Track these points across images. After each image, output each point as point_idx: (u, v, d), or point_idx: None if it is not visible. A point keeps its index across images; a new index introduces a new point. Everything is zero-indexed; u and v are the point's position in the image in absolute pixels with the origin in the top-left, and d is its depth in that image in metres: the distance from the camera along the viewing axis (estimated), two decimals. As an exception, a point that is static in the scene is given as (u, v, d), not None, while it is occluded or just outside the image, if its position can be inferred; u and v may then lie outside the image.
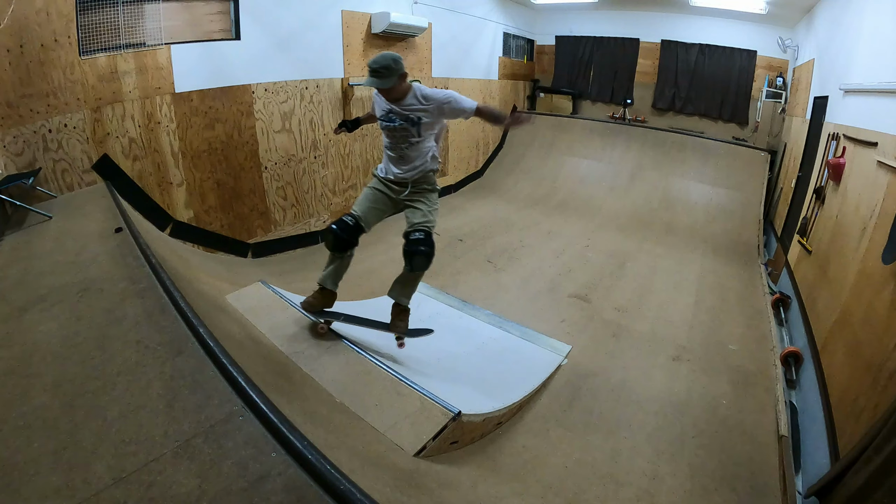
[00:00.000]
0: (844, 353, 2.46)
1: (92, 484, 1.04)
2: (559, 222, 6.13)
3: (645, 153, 7.26)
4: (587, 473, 2.24)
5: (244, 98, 4.16)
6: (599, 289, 4.29)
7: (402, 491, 1.46)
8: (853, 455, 1.70)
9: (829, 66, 4.44)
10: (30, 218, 2.73)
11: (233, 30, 4.02)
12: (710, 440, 2.50)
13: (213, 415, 1.23)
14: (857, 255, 2.70)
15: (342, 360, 2.37)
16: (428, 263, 2.46)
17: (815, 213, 3.83)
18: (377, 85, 2.28)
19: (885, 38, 3.13)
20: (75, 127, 3.13)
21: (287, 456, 1.10)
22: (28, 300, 1.85)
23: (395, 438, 1.89)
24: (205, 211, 4.06)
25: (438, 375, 2.63)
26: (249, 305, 2.78)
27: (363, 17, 5.17)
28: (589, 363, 3.15)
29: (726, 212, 6.21)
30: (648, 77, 8.00)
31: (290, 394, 1.89)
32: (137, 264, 2.05)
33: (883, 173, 2.65)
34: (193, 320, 1.61)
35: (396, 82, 2.30)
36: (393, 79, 2.28)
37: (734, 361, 3.26)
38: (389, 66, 2.25)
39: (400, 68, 2.29)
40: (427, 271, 2.61)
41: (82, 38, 3.09)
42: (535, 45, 8.99)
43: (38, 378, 1.41)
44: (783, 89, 6.68)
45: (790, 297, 3.92)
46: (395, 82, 2.29)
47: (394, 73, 2.27)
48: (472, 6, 6.90)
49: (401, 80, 2.32)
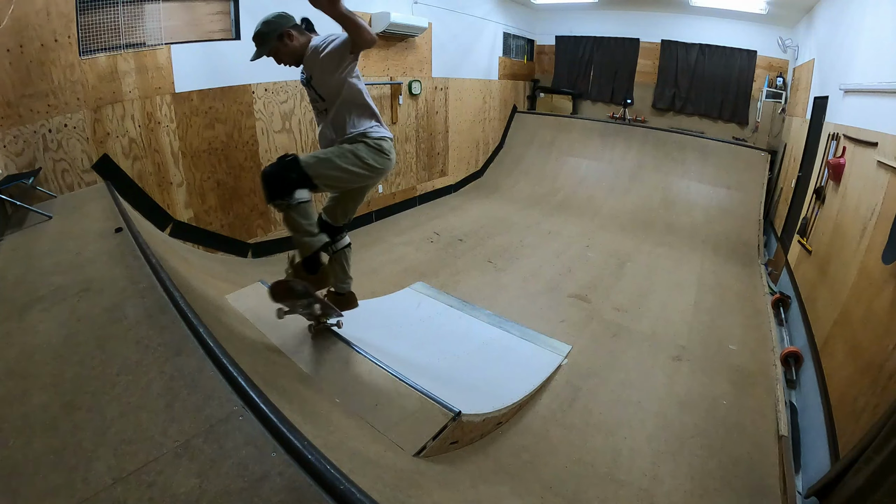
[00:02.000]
0: (844, 353, 2.46)
1: (92, 484, 1.04)
2: (559, 222, 6.13)
3: (645, 153, 7.26)
4: (587, 473, 2.24)
5: (244, 98, 4.16)
6: (599, 289, 4.29)
7: (402, 491, 1.46)
8: (853, 455, 1.70)
9: (829, 66, 4.44)
10: (30, 218, 2.73)
11: (233, 30, 4.02)
12: (710, 440, 2.50)
13: (213, 415, 1.23)
14: (856, 255, 2.70)
15: (342, 360, 2.37)
16: (263, 183, 1.94)
17: (815, 213, 3.83)
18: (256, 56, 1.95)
19: (886, 38, 3.13)
20: (75, 127, 3.13)
21: (287, 456, 1.10)
22: (28, 300, 1.85)
23: (395, 438, 1.89)
24: (205, 211, 4.06)
25: (438, 375, 2.63)
26: (249, 305, 2.78)
27: (363, 17, 5.17)
28: (589, 363, 3.15)
29: (726, 212, 6.21)
30: (648, 77, 8.00)
31: (290, 394, 1.89)
32: (137, 264, 2.05)
33: (883, 173, 2.65)
34: (193, 320, 1.60)
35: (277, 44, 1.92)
36: (271, 42, 1.91)
37: (734, 361, 3.26)
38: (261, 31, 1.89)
39: (276, 27, 1.91)
40: (427, 271, 2.57)
41: (82, 37, 3.09)
42: (535, 45, 8.99)
43: (38, 378, 1.41)
44: (783, 89, 6.68)
45: (790, 297, 3.92)
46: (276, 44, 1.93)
47: (271, 34, 1.90)
48: (472, 6, 6.90)
49: (288, 40, 1.93)
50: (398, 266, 4.47)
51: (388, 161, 2.08)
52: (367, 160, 2.02)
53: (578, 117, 8.30)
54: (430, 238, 5.34)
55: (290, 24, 1.97)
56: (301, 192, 1.92)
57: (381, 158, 2.05)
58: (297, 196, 1.91)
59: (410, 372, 2.33)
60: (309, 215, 2.02)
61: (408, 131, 6.19)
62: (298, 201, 1.92)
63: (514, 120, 8.53)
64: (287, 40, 1.94)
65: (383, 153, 2.05)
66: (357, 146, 2.01)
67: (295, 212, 1.95)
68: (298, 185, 1.91)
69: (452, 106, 6.91)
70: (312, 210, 2.04)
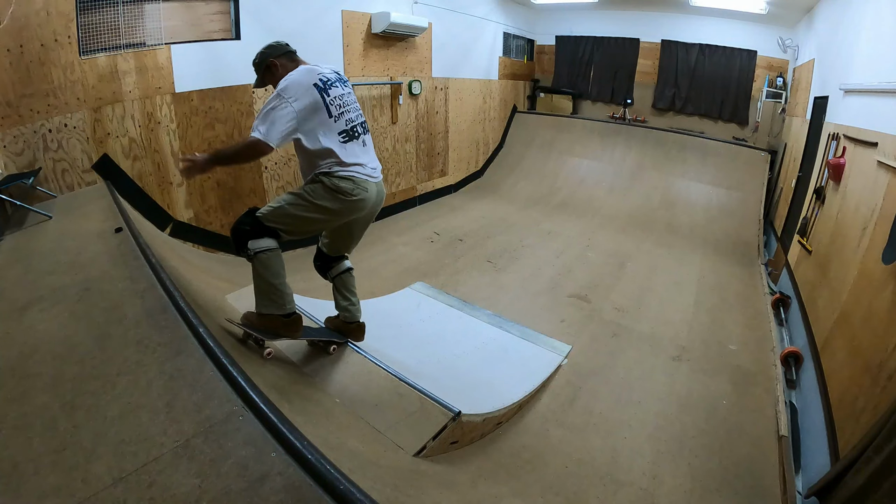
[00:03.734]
0: (844, 353, 2.46)
1: (92, 484, 1.04)
2: (559, 222, 6.13)
3: (645, 153, 7.26)
4: (587, 473, 2.24)
5: (244, 98, 4.16)
6: (599, 289, 4.29)
7: (402, 491, 1.46)
8: (853, 455, 1.70)
9: (829, 66, 4.44)
10: (30, 218, 2.73)
11: (233, 30, 4.02)
12: (710, 440, 2.50)
13: (213, 415, 1.23)
14: (857, 255, 2.70)
15: (342, 360, 2.37)
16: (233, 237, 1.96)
17: (815, 213, 3.83)
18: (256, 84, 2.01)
19: (886, 38, 3.13)
20: (75, 127, 3.13)
21: (287, 456, 1.10)
22: (28, 300, 1.85)
23: (395, 438, 1.89)
24: (205, 211, 4.06)
25: (438, 375, 2.63)
26: (249, 305, 2.78)
27: (363, 17, 5.17)
28: (589, 363, 3.15)
29: (726, 212, 6.21)
30: (648, 77, 8.00)
31: (290, 394, 1.89)
32: (137, 264, 2.05)
33: (883, 173, 2.65)
34: (193, 320, 1.60)
35: (265, 74, 1.96)
36: (259, 74, 1.96)
37: (734, 361, 3.26)
38: (254, 61, 1.93)
39: (263, 57, 1.93)
40: (427, 271, 2.57)
41: (82, 37, 3.09)
42: (535, 45, 8.99)
43: (38, 378, 1.41)
44: (783, 89, 6.68)
45: (790, 297, 3.92)
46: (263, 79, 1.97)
47: (259, 65, 1.94)
48: (472, 6, 6.90)
49: (271, 72, 1.94)
50: (398, 266, 4.46)
51: (348, 202, 1.93)
52: (321, 202, 1.91)
53: (578, 117, 8.30)
54: (430, 238, 5.34)
55: (277, 53, 1.96)
56: (257, 241, 1.90)
57: (339, 200, 1.92)
58: (252, 246, 1.90)
59: (410, 372, 2.33)
60: (272, 268, 1.93)
61: (408, 131, 6.19)
62: (255, 251, 1.90)
63: (514, 120, 8.53)
64: (273, 70, 1.94)
65: (341, 194, 1.91)
66: (314, 187, 1.93)
67: (256, 262, 1.92)
68: (253, 235, 1.90)
69: (452, 106, 6.91)
70: (277, 264, 1.95)
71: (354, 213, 2.02)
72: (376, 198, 2.09)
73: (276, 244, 1.96)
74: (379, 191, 2.11)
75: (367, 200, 2.02)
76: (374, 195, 2.06)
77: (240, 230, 1.92)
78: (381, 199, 2.14)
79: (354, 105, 2.04)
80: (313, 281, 4.07)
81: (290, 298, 2.05)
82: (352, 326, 2.38)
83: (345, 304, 2.35)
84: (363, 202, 2.00)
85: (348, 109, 1.98)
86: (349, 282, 2.33)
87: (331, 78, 1.94)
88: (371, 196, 2.03)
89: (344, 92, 1.98)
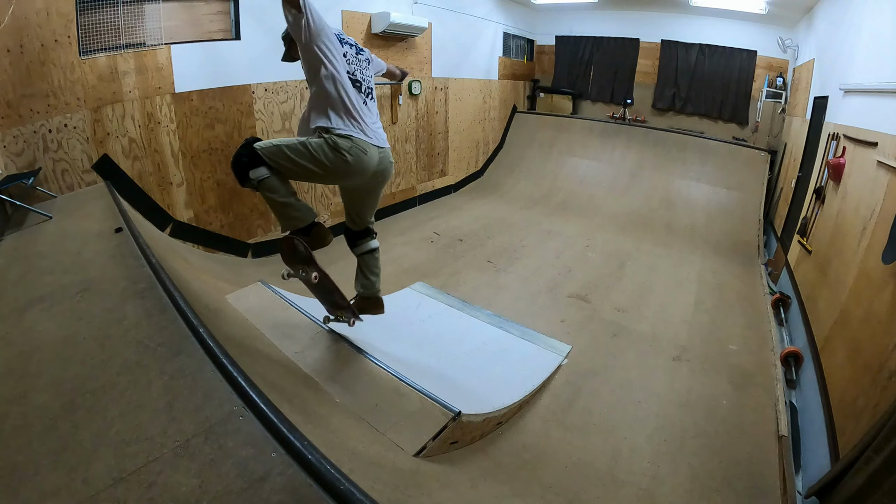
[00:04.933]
0: (844, 353, 2.46)
1: (92, 484, 1.04)
2: (559, 222, 6.13)
3: (645, 153, 7.25)
4: (587, 473, 2.24)
5: (244, 98, 4.16)
6: (599, 289, 4.29)
7: (402, 491, 1.46)
8: (853, 455, 1.70)
9: (829, 66, 4.44)
10: (30, 218, 2.73)
11: (233, 30, 4.02)
12: (710, 440, 2.50)
13: (213, 415, 1.23)
14: (857, 255, 2.70)
15: (342, 360, 2.37)
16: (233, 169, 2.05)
17: (815, 213, 3.83)
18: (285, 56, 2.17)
19: (886, 38, 3.13)
20: (75, 127, 3.13)
21: (287, 456, 1.10)
22: (28, 300, 1.85)
23: (395, 438, 1.89)
24: (205, 211, 4.06)
25: (438, 375, 2.63)
26: (249, 305, 2.78)
27: (363, 17, 5.17)
28: (589, 363, 3.15)
29: (726, 212, 6.21)
30: (648, 77, 8.00)
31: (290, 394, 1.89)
32: (137, 264, 2.05)
33: (883, 173, 2.65)
34: (193, 320, 1.60)
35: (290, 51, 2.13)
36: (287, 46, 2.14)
37: (734, 361, 3.26)
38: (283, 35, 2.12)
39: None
40: (427, 271, 2.58)
41: (82, 38, 3.09)
42: (535, 45, 8.99)
43: (38, 378, 1.41)
44: (783, 89, 6.68)
45: (790, 297, 3.92)
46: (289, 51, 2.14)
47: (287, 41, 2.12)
48: (472, 6, 6.90)
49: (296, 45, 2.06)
50: (398, 266, 4.46)
51: (345, 160, 1.96)
52: (317, 155, 1.96)
53: (578, 117, 8.30)
54: (430, 238, 5.34)
55: None
56: (257, 170, 1.97)
57: (332, 154, 1.96)
58: (254, 175, 1.97)
59: (410, 372, 2.33)
60: (277, 188, 2.01)
61: (408, 131, 6.19)
62: (258, 179, 1.98)
63: (514, 120, 8.53)
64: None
65: (339, 151, 1.95)
66: (316, 140, 1.98)
67: (263, 189, 2.00)
68: (250, 165, 1.97)
69: (452, 106, 6.91)
70: (282, 185, 2.02)
71: (354, 175, 2.03)
72: (379, 164, 2.08)
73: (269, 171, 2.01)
74: (383, 157, 2.10)
75: (366, 163, 2.01)
76: (376, 160, 2.06)
77: (239, 162, 1.98)
78: (385, 167, 2.14)
79: (367, 69, 2.10)
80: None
81: (306, 210, 2.11)
82: (369, 300, 2.41)
83: (364, 282, 2.41)
84: (360, 163, 2.00)
85: (360, 68, 2.06)
86: (372, 262, 2.37)
87: (347, 38, 2.07)
88: (371, 160, 2.02)
89: (357, 55, 2.08)
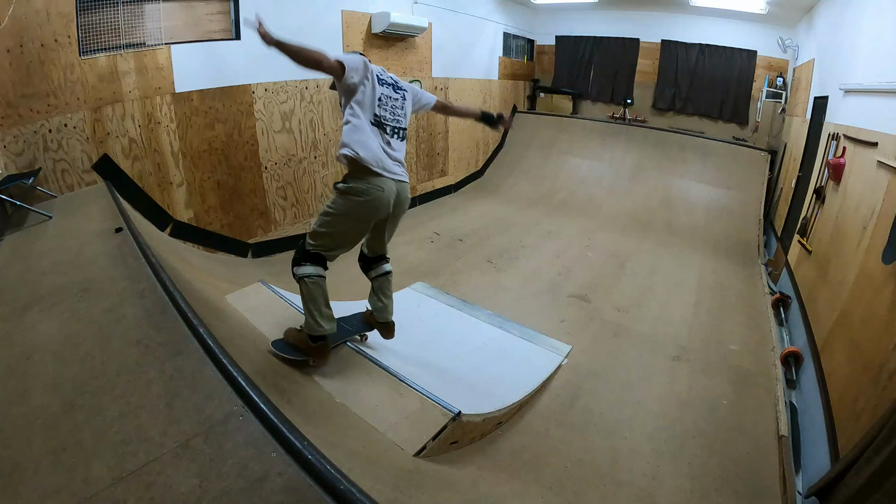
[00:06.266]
0: (844, 353, 2.46)
1: (92, 484, 1.04)
2: (559, 222, 6.13)
3: (645, 153, 7.25)
4: (587, 473, 2.24)
5: (244, 98, 4.16)
6: (599, 289, 4.29)
7: (402, 491, 1.46)
8: (853, 455, 1.70)
9: (829, 66, 4.44)
10: (30, 218, 2.73)
11: (233, 30, 4.01)
12: (710, 440, 2.50)
13: (213, 415, 1.23)
14: (857, 255, 2.70)
15: (342, 361, 2.37)
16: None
17: (815, 213, 3.83)
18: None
19: (886, 37, 3.13)
20: (75, 127, 3.13)
21: (287, 456, 1.10)
22: (28, 300, 1.85)
23: (395, 438, 1.89)
24: (205, 211, 4.06)
25: (438, 375, 2.63)
26: (249, 305, 2.78)
27: (363, 17, 5.17)
28: (589, 363, 3.15)
29: (726, 212, 6.21)
30: (648, 77, 8.00)
31: (290, 394, 1.89)
32: (137, 264, 2.05)
33: (883, 173, 2.65)
34: (193, 320, 1.60)
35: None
36: None
37: (734, 361, 3.26)
38: None
39: None
40: (427, 271, 2.60)
41: (82, 38, 3.09)
42: (535, 45, 8.99)
43: (38, 378, 1.41)
44: (783, 89, 6.68)
45: (790, 297, 3.92)
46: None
47: None
48: (472, 6, 6.90)
49: None
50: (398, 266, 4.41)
51: (363, 203, 2.03)
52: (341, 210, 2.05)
53: (578, 117, 8.30)
54: (430, 238, 5.34)
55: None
56: (299, 268, 2.09)
57: (355, 202, 2.03)
58: (294, 271, 2.11)
59: (410, 372, 2.33)
60: (308, 293, 2.09)
61: (408, 131, 6.18)
62: (299, 276, 2.10)
63: (514, 120, 8.52)
64: None
65: (355, 195, 2.02)
66: (334, 199, 2.09)
67: (301, 286, 2.11)
68: (296, 262, 2.11)
69: (452, 106, 6.90)
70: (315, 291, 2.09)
71: (377, 211, 2.10)
72: (396, 196, 2.14)
73: (317, 271, 2.10)
74: (400, 189, 2.16)
75: (385, 199, 2.08)
76: (394, 192, 2.12)
77: (294, 258, 2.14)
78: (403, 199, 2.20)
79: (400, 109, 2.21)
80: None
81: (323, 324, 2.12)
82: (381, 325, 2.50)
83: (378, 305, 2.46)
84: (379, 201, 2.07)
85: (391, 109, 2.17)
86: (385, 285, 2.45)
87: (385, 79, 2.17)
88: (388, 194, 2.08)
89: (391, 95, 2.18)
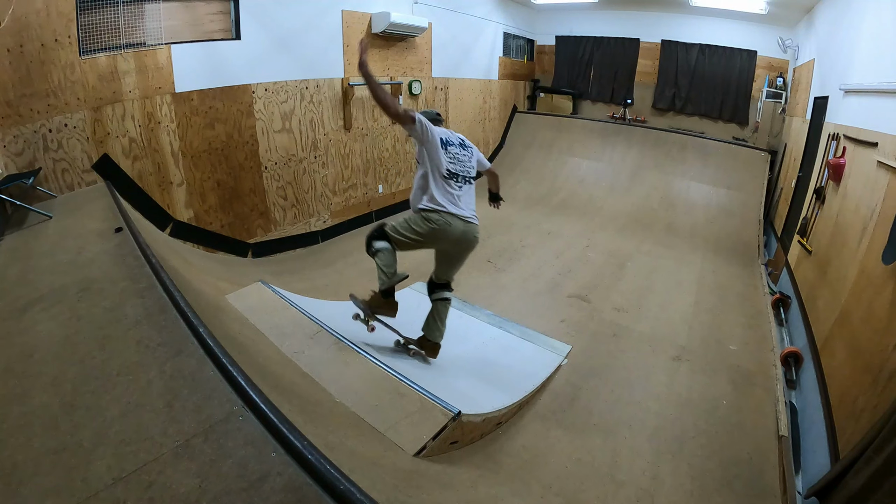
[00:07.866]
0: (844, 353, 2.46)
1: (92, 484, 1.04)
2: (559, 222, 6.13)
3: (645, 153, 7.25)
4: (587, 473, 2.24)
5: (244, 98, 4.16)
6: (599, 289, 4.29)
7: (402, 491, 1.46)
8: (853, 455, 1.70)
9: (830, 66, 4.44)
10: (30, 218, 2.73)
11: (233, 30, 4.02)
12: (710, 440, 2.50)
13: (213, 414, 1.23)
14: (857, 255, 2.70)
15: (342, 360, 2.37)
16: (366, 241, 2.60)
17: (815, 213, 3.83)
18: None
19: (886, 38, 3.13)
20: (75, 127, 3.13)
21: (287, 456, 1.10)
22: (28, 300, 1.85)
23: (395, 438, 1.89)
24: (205, 211, 4.06)
25: (438, 375, 2.63)
26: (249, 305, 2.78)
27: (363, 17, 5.17)
28: (589, 363, 3.15)
29: (726, 212, 6.21)
30: (648, 77, 8.00)
31: (290, 394, 1.89)
32: (137, 264, 2.05)
33: (883, 173, 2.65)
34: (193, 320, 1.60)
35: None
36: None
37: (734, 361, 3.26)
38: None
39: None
40: (427, 271, 2.68)
41: (82, 38, 3.09)
42: (535, 45, 8.99)
43: (38, 378, 1.41)
44: (783, 89, 6.68)
45: (790, 297, 3.92)
46: None
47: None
48: (472, 6, 6.90)
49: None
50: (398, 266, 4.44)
51: (431, 226, 2.46)
52: (413, 227, 2.50)
53: (578, 117, 8.30)
54: (430, 238, 5.33)
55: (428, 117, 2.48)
56: (377, 243, 2.54)
57: (424, 224, 2.48)
58: (374, 246, 2.56)
59: (410, 372, 2.33)
60: (383, 259, 2.54)
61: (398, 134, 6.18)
62: (375, 249, 2.55)
63: (514, 120, 8.53)
64: None
65: (425, 221, 2.48)
66: (414, 216, 2.54)
67: (376, 257, 2.55)
68: (375, 238, 2.56)
69: (452, 106, 6.91)
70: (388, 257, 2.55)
71: (442, 240, 2.51)
72: (462, 234, 2.50)
73: (388, 246, 2.55)
74: (467, 230, 2.51)
75: (451, 231, 2.46)
76: (461, 229, 2.49)
77: (371, 235, 2.58)
78: (469, 237, 2.54)
79: (467, 163, 2.57)
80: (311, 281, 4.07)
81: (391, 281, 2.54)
82: (428, 343, 2.75)
83: (432, 326, 2.74)
84: (446, 231, 2.46)
85: (461, 162, 2.54)
86: (442, 309, 2.76)
87: (452, 140, 2.55)
88: (455, 228, 2.47)
89: (460, 152, 2.54)
